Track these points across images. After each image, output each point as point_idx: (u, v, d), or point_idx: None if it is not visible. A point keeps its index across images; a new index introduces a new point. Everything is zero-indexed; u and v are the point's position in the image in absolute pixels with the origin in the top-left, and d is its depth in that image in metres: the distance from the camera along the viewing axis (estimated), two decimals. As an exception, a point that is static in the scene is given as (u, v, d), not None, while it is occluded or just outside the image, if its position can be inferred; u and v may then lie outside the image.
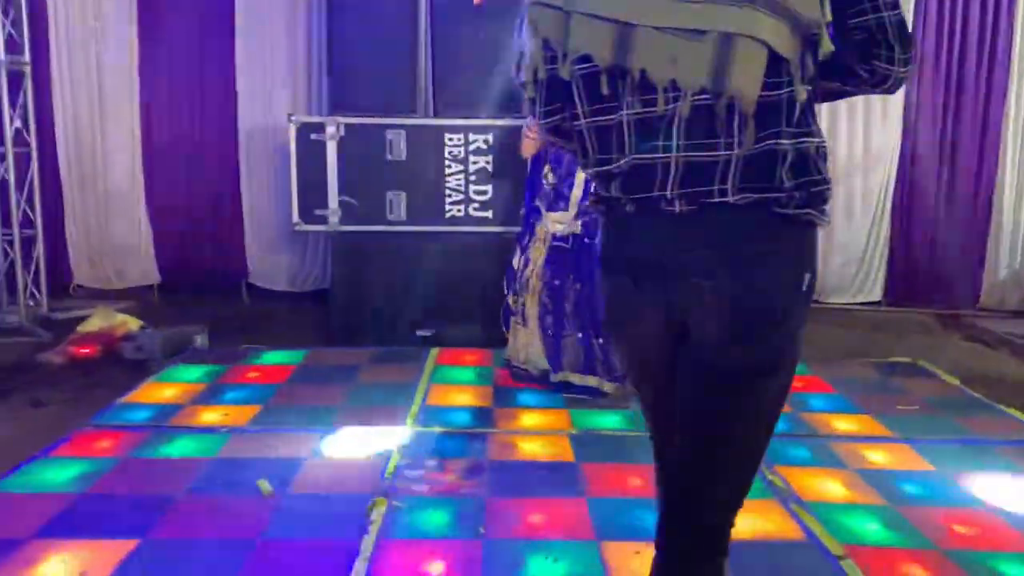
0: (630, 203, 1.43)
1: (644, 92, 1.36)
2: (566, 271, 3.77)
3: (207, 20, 5.77)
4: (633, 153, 1.40)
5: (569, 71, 1.41)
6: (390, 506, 2.71)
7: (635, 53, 1.34)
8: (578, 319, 3.77)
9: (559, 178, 3.78)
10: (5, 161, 5.15)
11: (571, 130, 1.51)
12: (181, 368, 4.21)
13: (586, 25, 1.36)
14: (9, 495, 2.78)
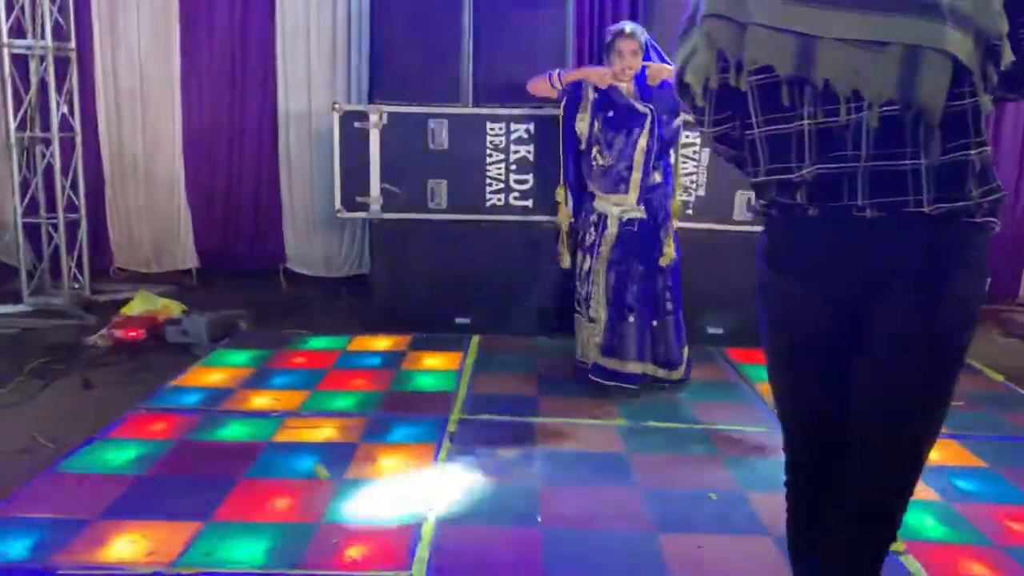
0: (815, 209, 1.46)
1: (826, 102, 1.39)
2: (633, 254, 3.73)
3: (248, 5, 5.79)
4: (816, 162, 1.43)
5: (746, 81, 1.45)
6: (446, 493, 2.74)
7: (818, 65, 1.37)
8: (640, 304, 3.75)
9: (613, 159, 3.71)
10: (52, 146, 5.21)
11: (739, 139, 1.56)
12: (227, 352, 4.26)
13: (765, 37, 1.40)
14: (72, 475, 2.84)
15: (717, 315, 4.81)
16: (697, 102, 1.55)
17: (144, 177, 5.96)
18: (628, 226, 3.73)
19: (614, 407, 3.61)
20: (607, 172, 3.72)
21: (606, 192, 3.75)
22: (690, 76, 1.53)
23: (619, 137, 3.69)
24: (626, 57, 3.64)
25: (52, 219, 5.35)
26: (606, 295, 3.74)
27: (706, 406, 3.66)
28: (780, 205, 1.52)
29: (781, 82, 1.42)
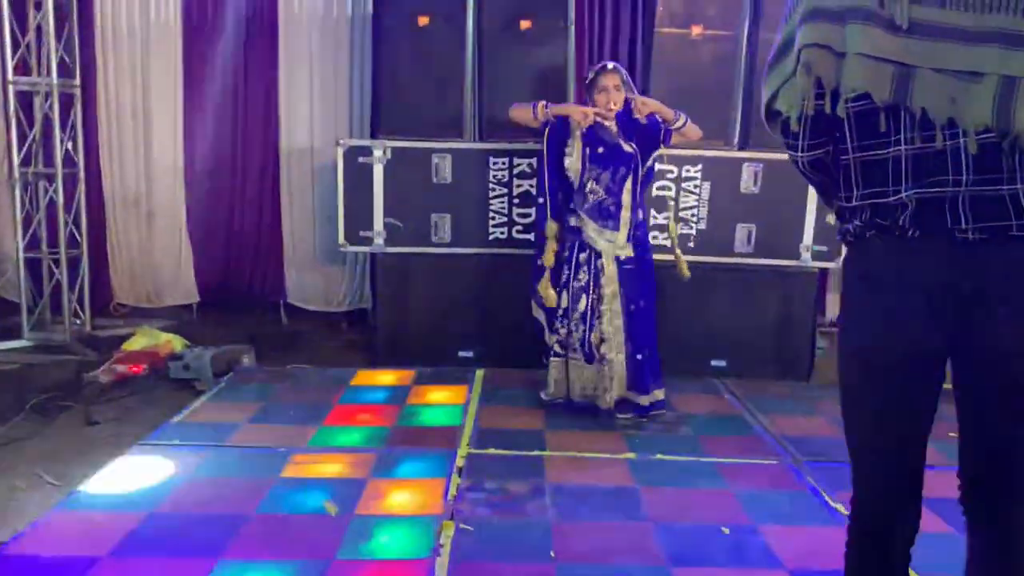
0: (916, 230, 1.51)
1: (924, 129, 1.47)
2: (636, 292, 3.79)
3: (251, 42, 5.85)
4: (915, 186, 1.49)
5: (843, 108, 1.52)
6: (458, 528, 2.72)
7: (915, 93, 1.44)
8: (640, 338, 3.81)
9: (603, 194, 3.73)
10: (55, 182, 5.22)
11: (832, 164, 1.63)
12: (231, 388, 4.24)
13: (864, 66, 1.47)
14: (79, 513, 2.81)
15: (720, 347, 4.83)
16: (792, 127, 1.62)
17: (146, 212, 5.98)
18: (626, 264, 3.78)
19: (622, 441, 3.60)
20: (599, 205, 3.75)
21: (600, 227, 3.76)
22: (782, 103, 1.60)
23: (605, 175, 3.73)
24: (611, 92, 3.69)
25: (54, 254, 5.35)
26: (624, 334, 3.79)
27: (714, 439, 3.65)
28: (878, 227, 1.56)
29: (878, 109, 1.50)
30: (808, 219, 4.68)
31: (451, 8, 4.72)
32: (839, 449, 3.51)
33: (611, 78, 3.71)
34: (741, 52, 4.72)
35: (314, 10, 5.78)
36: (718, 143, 4.76)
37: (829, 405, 4.17)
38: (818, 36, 1.51)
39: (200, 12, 5.81)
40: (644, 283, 3.83)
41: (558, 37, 4.78)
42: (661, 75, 4.74)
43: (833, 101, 1.53)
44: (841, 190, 1.63)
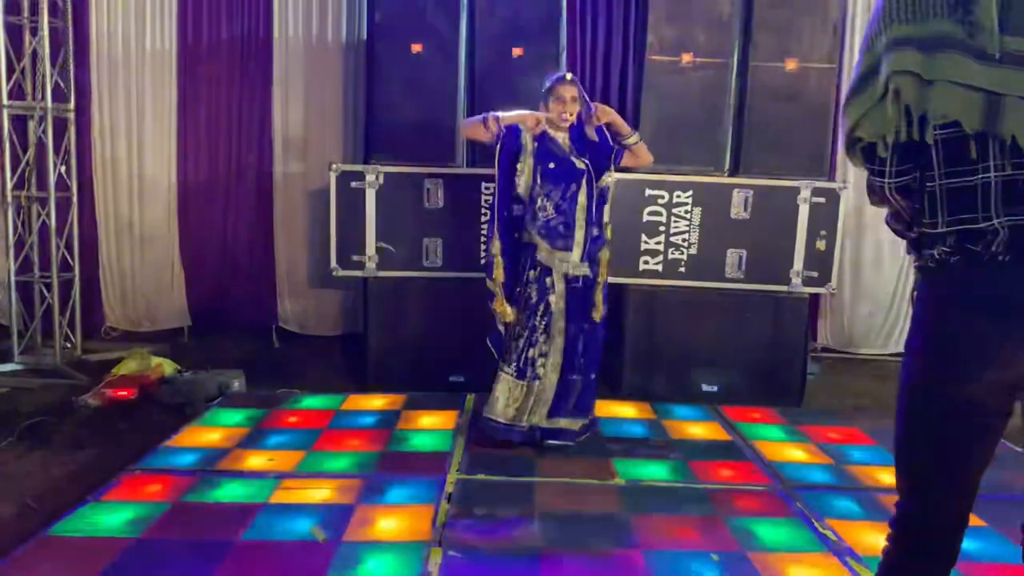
0: (1007, 256, 1.53)
1: (1013, 156, 1.50)
2: (579, 313, 3.70)
3: (245, 67, 5.89)
4: (1007, 212, 1.53)
5: (931, 135, 1.56)
6: (446, 556, 2.71)
7: (1005, 120, 1.48)
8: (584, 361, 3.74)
9: (554, 212, 3.63)
10: (47, 206, 5.23)
11: (917, 190, 1.65)
12: (221, 412, 4.22)
13: (954, 94, 1.51)
14: (64, 539, 2.78)
15: (711, 373, 4.84)
16: (879, 153, 1.65)
17: (138, 236, 5.99)
18: (574, 283, 3.68)
19: (611, 467, 3.59)
20: (548, 224, 3.64)
21: (553, 247, 3.65)
22: (866, 130, 1.63)
23: (556, 192, 3.63)
24: (566, 102, 3.63)
25: (46, 278, 5.34)
26: (560, 356, 3.70)
27: (704, 465, 3.65)
28: (966, 252, 1.58)
29: (966, 136, 1.53)
30: (798, 245, 4.71)
31: (444, 35, 4.77)
32: (829, 475, 3.53)
33: (568, 89, 3.64)
34: (731, 79, 4.77)
35: (308, 36, 5.84)
36: (708, 169, 4.80)
37: (820, 431, 4.18)
38: (907, 63, 1.54)
39: (195, 37, 5.86)
40: (587, 306, 3.72)
41: (550, 64, 4.81)
42: (652, 102, 4.78)
43: (921, 128, 1.56)
44: (925, 216, 1.64)
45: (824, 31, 4.73)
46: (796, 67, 4.72)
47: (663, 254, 4.76)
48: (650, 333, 4.87)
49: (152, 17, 5.83)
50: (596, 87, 5.97)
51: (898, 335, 6.11)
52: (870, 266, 6.03)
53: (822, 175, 4.81)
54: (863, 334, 6.12)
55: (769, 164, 4.76)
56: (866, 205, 5.86)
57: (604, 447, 3.84)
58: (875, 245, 6.00)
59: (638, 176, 4.73)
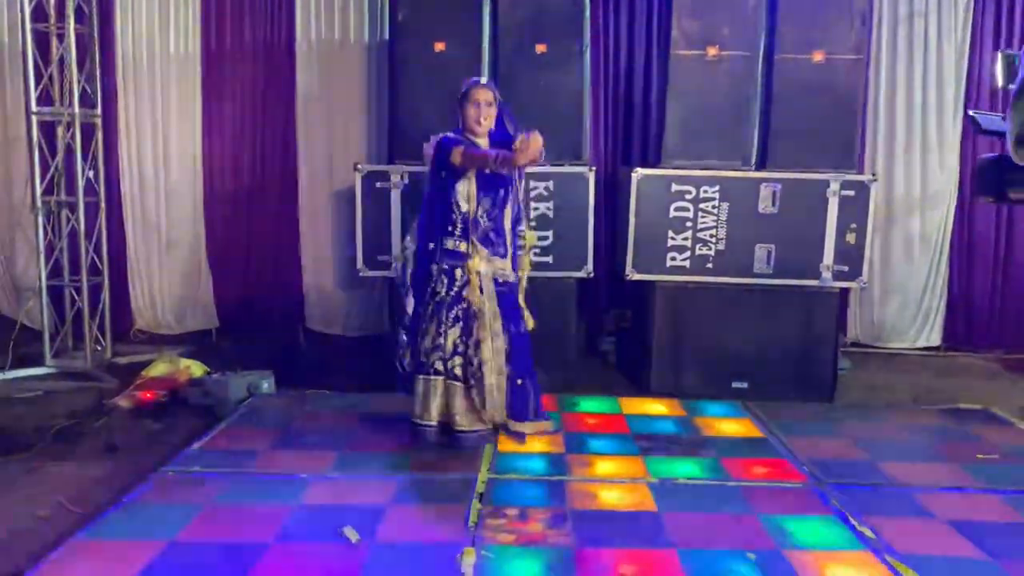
0: None
1: None
2: (514, 317, 3.69)
3: (269, 71, 5.92)
4: None
5: None
6: (479, 556, 2.69)
7: None
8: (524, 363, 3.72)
9: (489, 221, 3.61)
10: (76, 211, 5.27)
11: None
12: (251, 413, 4.24)
13: None
14: (100, 541, 2.80)
15: (741, 369, 4.79)
16: None
17: (166, 239, 6.04)
18: (501, 287, 3.65)
19: (643, 465, 3.56)
20: (487, 234, 3.61)
21: (490, 254, 3.62)
22: None
23: (487, 199, 3.59)
24: (482, 107, 3.57)
25: (76, 282, 5.39)
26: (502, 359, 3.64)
27: (737, 462, 3.61)
28: None
29: None
30: (828, 238, 4.65)
31: (467, 33, 4.77)
32: (865, 471, 3.48)
33: (484, 93, 3.59)
34: (758, 73, 4.72)
35: (331, 36, 5.85)
36: (735, 163, 4.75)
37: (853, 426, 4.13)
38: None
39: (218, 40, 5.89)
40: (514, 310, 3.71)
41: (573, 61, 4.80)
42: (677, 97, 4.74)
43: None
44: None
45: (851, 22, 4.67)
46: (823, 59, 4.67)
47: (690, 250, 4.72)
48: (678, 330, 4.83)
49: (176, 22, 5.88)
50: (620, 82, 5.94)
51: (929, 329, 6.02)
52: (900, 260, 5.95)
53: (851, 168, 4.75)
54: (894, 328, 6.04)
55: (797, 157, 4.70)
56: (895, 198, 5.82)
57: (635, 445, 3.81)
58: (904, 238, 5.92)
59: (664, 172, 4.71)
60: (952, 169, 5.86)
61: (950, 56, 5.77)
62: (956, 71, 5.78)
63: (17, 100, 5.80)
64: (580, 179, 4.72)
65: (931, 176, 5.87)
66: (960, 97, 5.80)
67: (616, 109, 5.98)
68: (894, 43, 5.79)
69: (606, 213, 5.66)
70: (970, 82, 5.80)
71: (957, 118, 5.82)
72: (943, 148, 5.85)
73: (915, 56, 5.78)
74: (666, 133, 4.78)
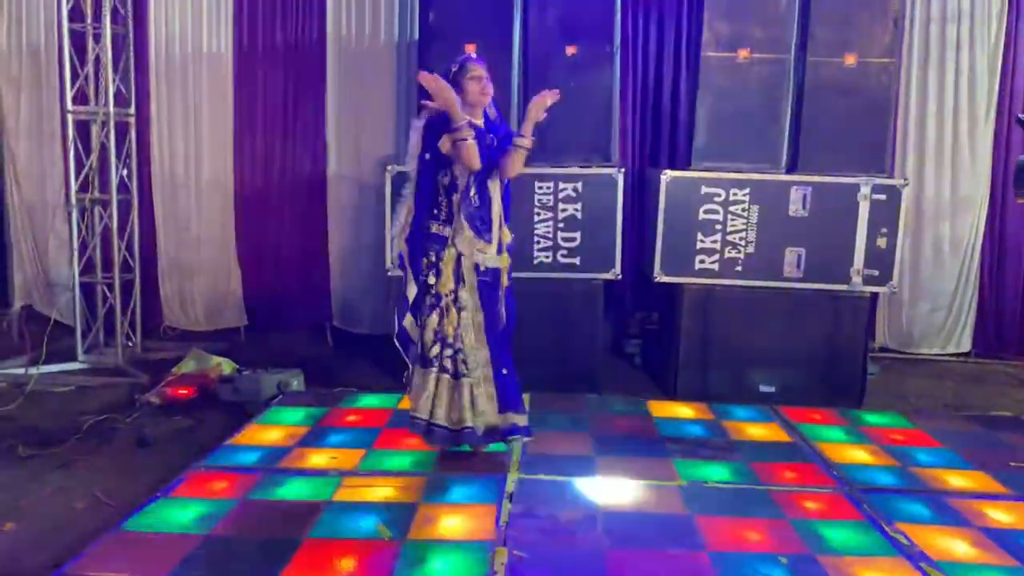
0: None
1: None
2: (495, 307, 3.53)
3: (300, 70, 5.97)
4: None
5: None
6: (511, 556, 2.70)
7: None
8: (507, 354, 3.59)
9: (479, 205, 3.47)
10: (109, 208, 5.34)
11: None
12: (281, 411, 4.27)
13: None
14: (136, 535, 2.84)
15: (768, 373, 4.77)
16: None
17: (196, 237, 6.09)
18: (483, 276, 3.51)
19: (672, 467, 3.55)
20: (474, 212, 3.46)
21: (479, 236, 3.46)
22: None
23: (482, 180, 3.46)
24: (483, 79, 3.44)
25: (108, 279, 5.46)
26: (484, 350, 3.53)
27: (766, 466, 3.59)
28: None
29: None
30: (858, 242, 4.62)
31: (498, 34, 4.77)
32: (895, 478, 3.46)
33: (482, 67, 3.45)
34: (789, 75, 4.70)
35: (361, 37, 5.89)
36: (765, 166, 4.73)
37: (883, 432, 4.10)
38: None
39: (251, 40, 5.95)
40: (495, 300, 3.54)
41: (604, 62, 4.80)
42: (708, 99, 4.73)
43: None
44: None
45: (883, 25, 4.64)
46: (855, 62, 4.64)
47: (719, 253, 4.71)
48: (706, 333, 4.81)
49: (208, 21, 5.94)
50: (649, 84, 5.94)
51: (959, 335, 5.97)
52: (930, 264, 5.90)
53: (882, 171, 4.72)
54: (923, 334, 5.99)
55: (828, 161, 4.68)
56: (925, 202, 5.77)
57: (664, 447, 3.81)
58: (934, 243, 5.87)
59: (694, 174, 4.70)
60: (984, 173, 5.80)
61: (982, 60, 5.71)
62: (989, 74, 5.72)
63: (53, 99, 5.90)
64: (609, 180, 4.72)
65: (962, 180, 5.82)
66: (993, 101, 5.74)
67: (645, 111, 5.98)
68: (926, 46, 5.74)
69: (634, 215, 5.66)
70: (1003, 85, 5.74)
71: (989, 122, 5.76)
72: (975, 152, 5.79)
73: (947, 59, 5.73)
74: (696, 135, 4.77)
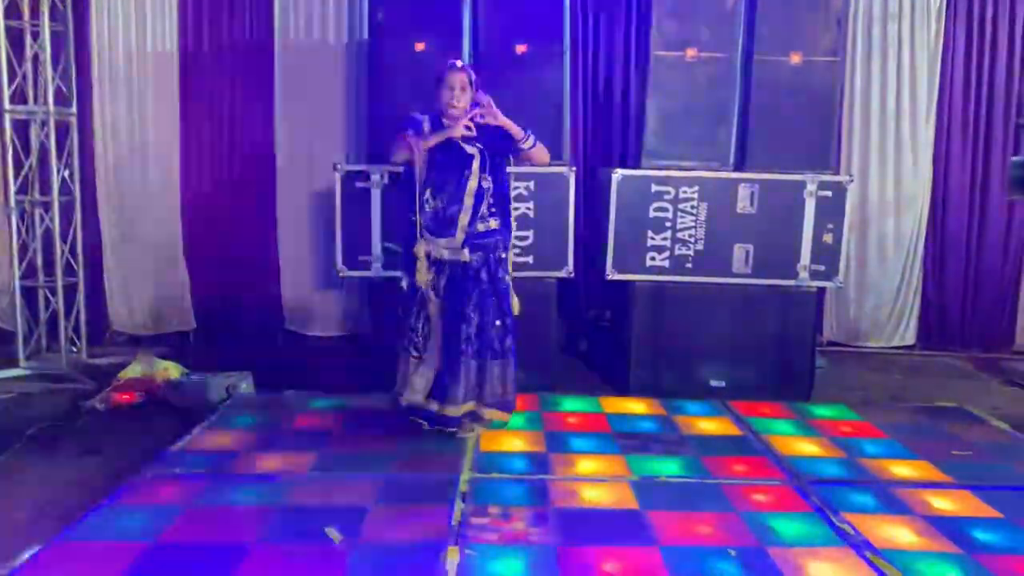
0: None
1: None
2: (463, 296, 3.71)
3: (248, 70, 5.88)
4: None
5: None
6: (462, 555, 2.69)
7: None
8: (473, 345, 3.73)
9: (444, 202, 3.68)
10: (51, 210, 5.21)
11: None
12: (230, 415, 4.20)
13: None
14: (80, 544, 2.77)
15: (719, 368, 4.83)
16: None
17: (143, 240, 5.98)
18: (454, 268, 3.71)
19: (624, 463, 3.57)
20: (437, 215, 3.69)
21: (435, 235, 3.71)
22: None
23: (451, 179, 3.66)
24: (456, 91, 3.64)
25: (50, 283, 5.33)
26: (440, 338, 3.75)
27: (716, 460, 3.63)
28: None
29: None
30: (805, 238, 4.70)
31: (447, 33, 4.76)
32: (842, 469, 3.53)
33: (458, 77, 3.65)
34: (736, 74, 4.76)
35: (309, 35, 5.83)
36: (713, 164, 4.79)
37: (830, 425, 4.17)
38: None
39: (196, 39, 5.85)
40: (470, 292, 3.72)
41: (554, 61, 4.81)
42: (656, 97, 4.77)
43: None
44: None
45: (827, 24, 4.72)
46: (800, 60, 4.71)
47: (670, 250, 4.75)
48: (657, 329, 4.85)
49: (153, 20, 5.82)
50: (600, 84, 5.97)
51: (904, 328, 6.10)
52: (875, 260, 6.03)
53: (828, 169, 4.80)
54: (870, 327, 6.11)
55: (775, 158, 4.75)
56: (870, 199, 5.89)
57: (616, 443, 3.82)
58: (879, 239, 6.00)
59: (644, 172, 4.73)
60: (926, 170, 5.94)
61: (923, 59, 5.85)
62: (929, 74, 5.87)
63: (-11, 98, 5.73)
64: (560, 179, 4.73)
65: (905, 178, 5.96)
66: (933, 99, 5.89)
67: (596, 110, 6.01)
68: (869, 46, 5.86)
69: (586, 213, 5.68)
70: (943, 84, 5.88)
71: (930, 119, 5.91)
72: (917, 150, 5.93)
73: (889, 57, 5.86)
74: (646, 134, 4.81)
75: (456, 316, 3.72)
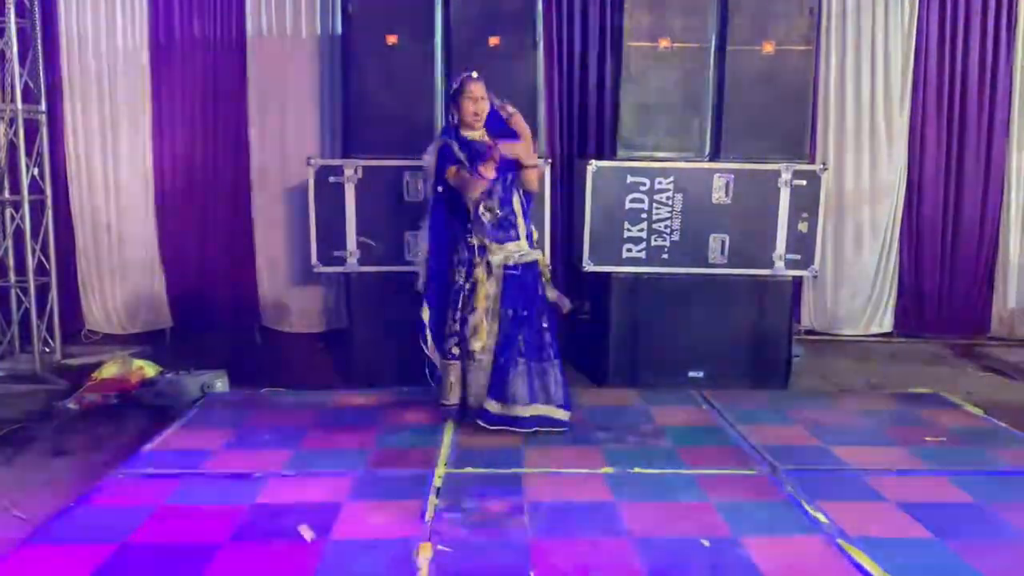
0: None
1: None
2: (521, 300, 3.76)
3: (219, 65, 5.83)
4: None
5: None
6: (435, 550, 2.68)
7: None
8: (528, 347, 3.77)
9: (499, 209, 3.73)
10: (21, 209, 5.15)
11: None
12: (205, 413, 4.17)
13: None
14: (51, 546, 2.74)
15: (697, 358, 4.83)
16: None
17: (116, 238, 5.92)
18: (512, 270, 3.75)
19: (600, 456, 3.57)
20: (498, 223, 3.74)
21: (500, 242, 3.75)
22: None
23: (497, 186, 3.71)
24: (478, 101, 3.71)
25: (22, 282, 5.27)
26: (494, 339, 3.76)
27: (692, 451, 3.64)
28: None
29: None
30: (780, 228, 4.71)
31: (419, 26, 4.74)
32: (817, 457, 3.54)
33: (478, 87, 3.73)
34: (709, 64, 4.76)
35: (282, 30, 5.78)
36: (688, 154, 4.79)
37: (806, 413, 4.19)
38: None
39: (167, 34, 5.79)
40: (531, 294, 3.79)
41: (527, 53, 4.80)
42: (630, 89, 4.76)
43: None
44: None
45: (800, 13, 4.73)
46: (773, 50, 4.72)
47: (646, 241, 4.75)
48: (634, 320, 4.86)
49: (122, 15, 5.77)
50: (575, 75, 5.95)
51: (881, 316, 6.14)
52: (851, 248, 6.05)
53: (802, 157, 4.81)
54: (847, 316, 6.14)
55: (749, 148, 4.76)
56: (846, 187, 5.91)
57: (592, 435, 3.82)
58: (855, 228, 6.03)
59: (619, 164, 4.73)
60: (901, 159, 5.97)
61: (897, 47, 5.87)
62: (903, 63, 5.89)
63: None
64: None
65: (880, 167, 5.98)
66: (908, 87, 5.91)
67: (571, 101, 5.99)
68: (843, 34, 5.87)
69: (562, 205, 5.67)
70: (916, 72, 5.90)
71: (904, 108, 5.93)
72: (891, 139, 5.95)
73: (863, 46, 5.88)
74: (620, 125, 4.80)
75: (515, 320, 3.75)
